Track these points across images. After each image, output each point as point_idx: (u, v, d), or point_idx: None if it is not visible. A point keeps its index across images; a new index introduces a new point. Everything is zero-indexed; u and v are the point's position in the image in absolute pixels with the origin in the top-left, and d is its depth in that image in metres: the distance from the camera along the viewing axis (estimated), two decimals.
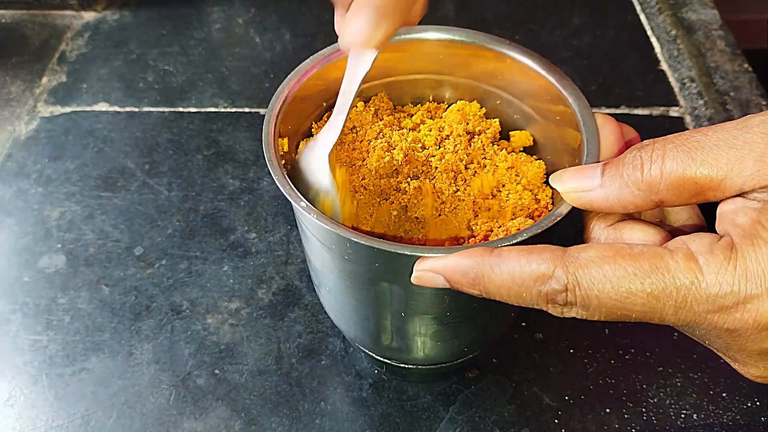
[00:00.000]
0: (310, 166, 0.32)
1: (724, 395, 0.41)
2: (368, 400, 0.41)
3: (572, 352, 0.43)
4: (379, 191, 0.34)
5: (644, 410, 0.40)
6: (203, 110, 0.59)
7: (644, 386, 0.41)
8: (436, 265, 0.26)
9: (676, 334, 0.43)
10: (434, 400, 0.41)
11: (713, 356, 0.42)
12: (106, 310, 0.45)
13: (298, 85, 0.33)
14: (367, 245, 0.27)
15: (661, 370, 0.42)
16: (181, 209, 0.51)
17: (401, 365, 0.39)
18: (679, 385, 0.41)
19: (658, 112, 0.59)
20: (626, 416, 0.40)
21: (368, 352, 0.39)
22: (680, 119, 0.58)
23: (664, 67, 0.63)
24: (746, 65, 0.62)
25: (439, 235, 0.33)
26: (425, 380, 0.41)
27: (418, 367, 0.39)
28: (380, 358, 0.39)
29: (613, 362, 0.42)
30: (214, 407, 0.40)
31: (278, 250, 0.48)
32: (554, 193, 0.34)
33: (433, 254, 0.26)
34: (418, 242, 0.33)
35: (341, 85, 0.30)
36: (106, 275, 0.47)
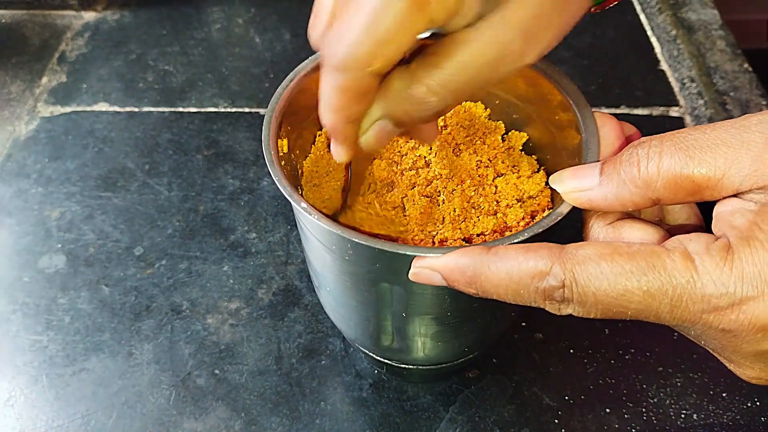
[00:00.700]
0: None
1: (724, 395, 0.41)
2: (368, 400, 0.41)
3: (572, 352, 0.43)
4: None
5: (644, 410, 0.40)
6: (203, 110, 0.59)
7: (644, 386, 0.41)
8: (433, 262, 0.26)
9: (675, 334, 0.43)
10: (434, 400, 0.41)
11: (713, 356, 0.42)
12: (106, 310, 0.45)
13: (297, 86, 0.33)
14: (368, 246, 0.27)
15: (661, 370, 0.42)
16: (181, 209, 0.51)
17: (401, 366, 0.39)
18: (679, 385, 0.41)
19: (658, 112, 0.59)
20: (626, 416, 0.40)
21: (368, 353, 0.39)
22: (680, 119, 0.58)
23: (664, 67, 0.63)
24: (746, 65, 0.62)
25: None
26: (425, 381, 0.41)
27: (418, 367, 0.39)
28: (380, 358, 0.39)
29: (613, 362, 0.42)
30: (214, 407, 0.40)
31: (278, 250, 0.48)
32: (554, 193, 0.34)
33: (433, 254, 0.26)
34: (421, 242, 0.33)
35: None
36: (106, 275, 0.47)
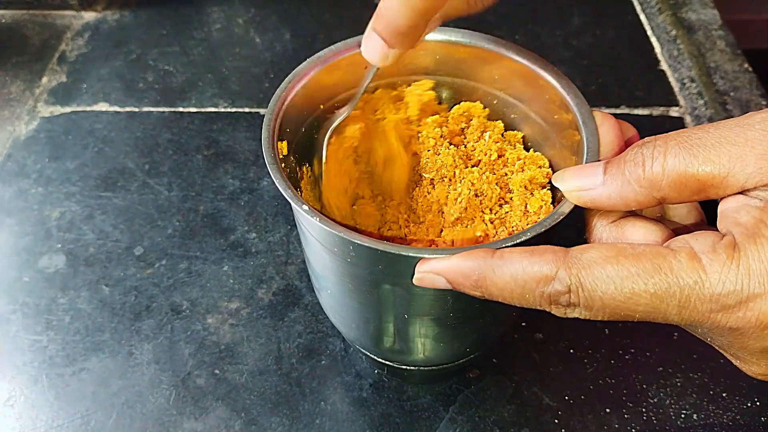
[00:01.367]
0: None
1: (724, 395, 0.41)
2: (368, 400, 0.41)
3: (572, 352, 0.43)
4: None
5: (644, 410, 0.40)
6: (203, 110, 0.59)
7: (644, 386, 0.41)
8: (437, 266, 0.26)
9: (676, 334, 0.43)
10: (434, 400, 0.41)
11: (713, 356, 0.42)
12: (106, 310, 0.45)
13: (296, 87, 0.33)
14: (370, 247, 0.27)
15: (661, 370, 0.42)
16: (181, 209, 0.51)
17: (402, 367, 0.39)
18: (679, 385, 0.41)
19: (658, 112, 0.59)
20: (626, 416, 0.40)
21: (369, 354, 0.39)
22: (680, 119, 0.58)
23: (664, 67, 0.63)
24: (746, 65, 0.62)
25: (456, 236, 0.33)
26: (425, 381, 0.41)
27: (418, 368, 0.39)
28: (381, 360, 0.39)
29: (613, 362, 0.42)
30: (214, 407, 0.40)
31: (278, 250, 0.48)
32: (555, 191, 0.34)
33: (435, 255, 0.26)
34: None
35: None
36: (106, 275, 0.47)
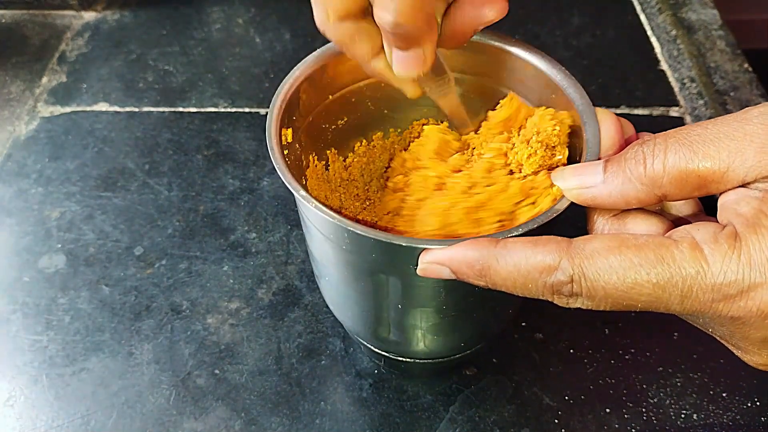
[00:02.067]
0: None
1: (724, 395, 0.41)
2: (368, 400, 0.41)
3: (572, 352, 0.43)
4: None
5: (644, 410, 0.40)
6: (203, 110, 0.59)
7: (644, 386, 0.41)
8: (441, 256, 0.26)
9: (676, 334, 0.43)
10: (434, 399, 0.41)
11: (713, 356, 0.42)
12: (106, 310, 0.45)
13: (306, 75, 0.33)
14: (364, 235, 0.27)
15: (661, 370, 0.42)
16: (181, 209, 0.51)
17: (400, 358, 0.39)
18: (679, 385, 0.41)
19: (658, 112, 0.59)
20: (626, 416, 0.40)
21: (367, 344, 0.40)
22: (680, 119, 0.58)
23: (664, 67, 0.63)
24: (746, 65, 0.62)
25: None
26: (424, 375, 0.41)
27: (416, 360, 0.39)
28: (379, 351, 0.39)
29: (613, 362, 0.42)
30: (214, 407, 0.40)
31: (278, 250, 0.48)
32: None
33: (432, 245, 0.26)
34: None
35: None
36: (106, 275, 0.47)
